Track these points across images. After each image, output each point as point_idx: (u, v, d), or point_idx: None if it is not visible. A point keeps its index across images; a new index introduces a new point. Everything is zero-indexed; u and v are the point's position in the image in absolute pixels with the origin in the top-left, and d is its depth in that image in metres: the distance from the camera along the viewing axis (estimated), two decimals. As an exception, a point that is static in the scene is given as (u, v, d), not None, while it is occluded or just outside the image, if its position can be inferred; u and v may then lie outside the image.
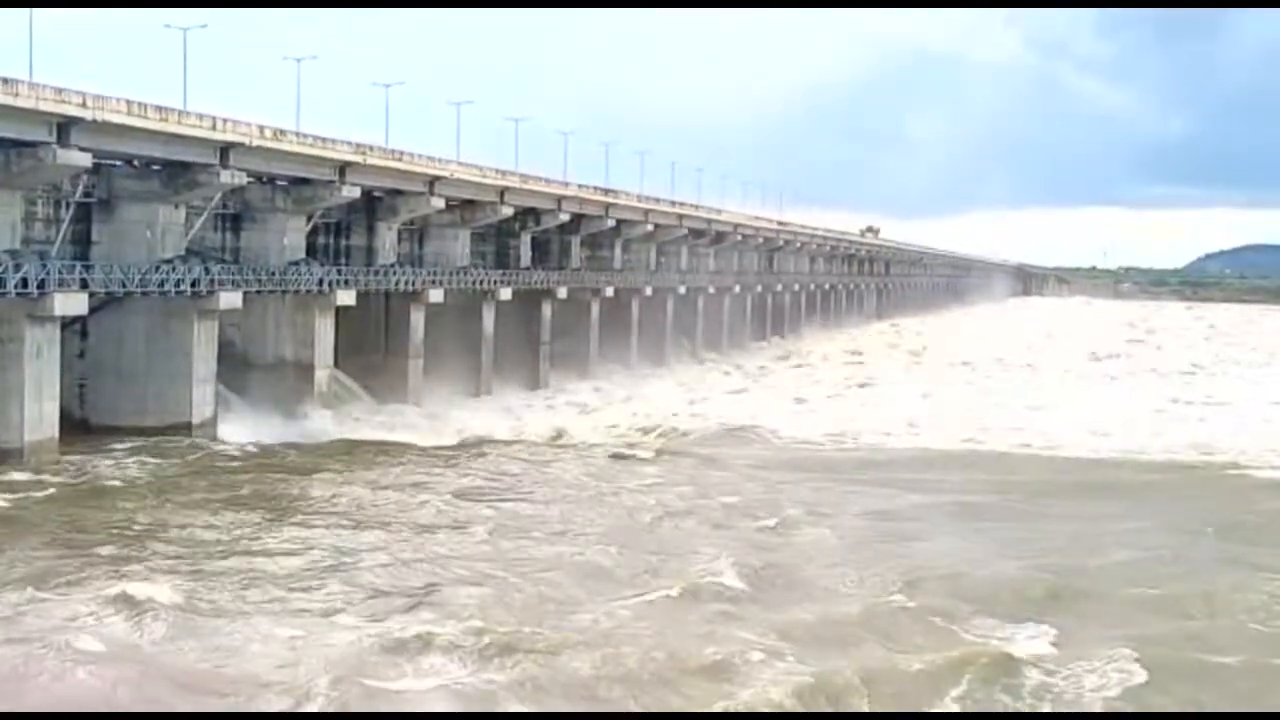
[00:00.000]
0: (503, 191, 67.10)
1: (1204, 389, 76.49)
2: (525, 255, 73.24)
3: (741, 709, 21.13)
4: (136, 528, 31.88)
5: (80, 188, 44.90)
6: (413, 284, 59.76)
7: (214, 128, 46.10)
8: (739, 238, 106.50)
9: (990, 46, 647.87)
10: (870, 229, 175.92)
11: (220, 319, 47.56)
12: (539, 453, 47.62)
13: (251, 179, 50.21)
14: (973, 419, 58.75)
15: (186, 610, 24.87)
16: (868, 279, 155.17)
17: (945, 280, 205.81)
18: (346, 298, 53.83)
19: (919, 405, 65.12)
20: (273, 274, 50.83)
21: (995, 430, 55.63)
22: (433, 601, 26.16)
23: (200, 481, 38.34)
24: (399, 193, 60.23)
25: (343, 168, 54.22)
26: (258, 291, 49.36)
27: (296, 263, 52.73)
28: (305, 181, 53.32)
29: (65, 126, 40.45)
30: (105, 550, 29.49)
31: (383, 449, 46.79)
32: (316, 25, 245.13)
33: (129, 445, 42.36)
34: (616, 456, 47.13)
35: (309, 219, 55.00)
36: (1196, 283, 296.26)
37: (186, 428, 45.32)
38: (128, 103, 42.26)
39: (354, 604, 25.98)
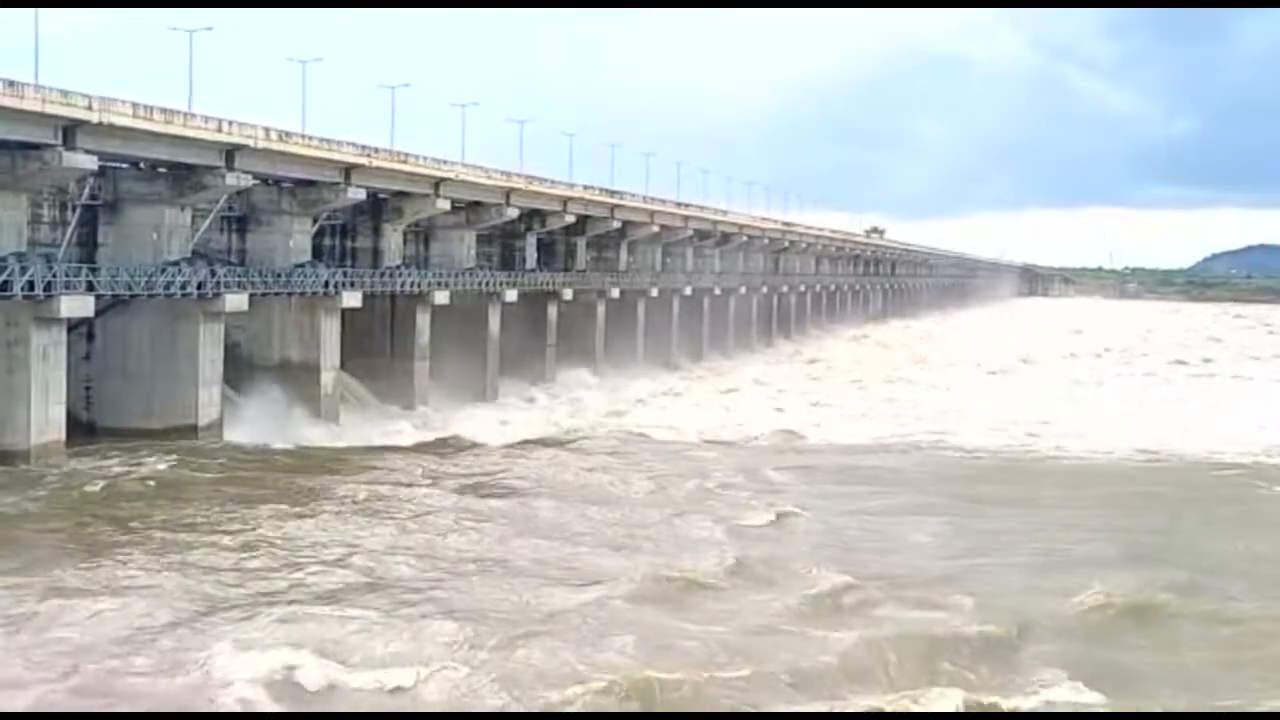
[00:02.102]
0: (508, 193, 67.06)
1: None
2: (531, 257, 73.14)
3: (747, 708, 21.11)
4: (144, 529, 31.87)
5: (86, 190, 44.86)
6: (418, 286, 59.75)
7: (219, 130, 46.09)
8: (745, 239, 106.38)
9: (995, 48, 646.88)
10: (875, 230, 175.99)
11: (226, 321, 47.57)
12: (548, 453, 47.60)
13: (257, 181, 50.18)
14: None
15: (197, 610, 24.90)
16: (873, 280, 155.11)
17: (951, 281, 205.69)
18: (352, 300, 53.78)
19: None
20: (279, 276, 50.79)
21: None
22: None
23: (207, 483, 38.32)
24: (405, 194, 60.19)
25: (348, 170, 54.20)
26: (263, 294, 49.32)
27: (302, 265, 52.71)
28: (311, 183, 53.28)
29: (71, 129, 40.41)
30: (112, 551, 29.51)
31: (388, 451, 46.77)
32: (321, 27, 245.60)
33: (135, 447, 42.25)
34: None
35: (315, 221, 54.97)
36: (1203, 283, 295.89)
37: (192, 430, 45.27)
38: (133, 105, 42.24)
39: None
